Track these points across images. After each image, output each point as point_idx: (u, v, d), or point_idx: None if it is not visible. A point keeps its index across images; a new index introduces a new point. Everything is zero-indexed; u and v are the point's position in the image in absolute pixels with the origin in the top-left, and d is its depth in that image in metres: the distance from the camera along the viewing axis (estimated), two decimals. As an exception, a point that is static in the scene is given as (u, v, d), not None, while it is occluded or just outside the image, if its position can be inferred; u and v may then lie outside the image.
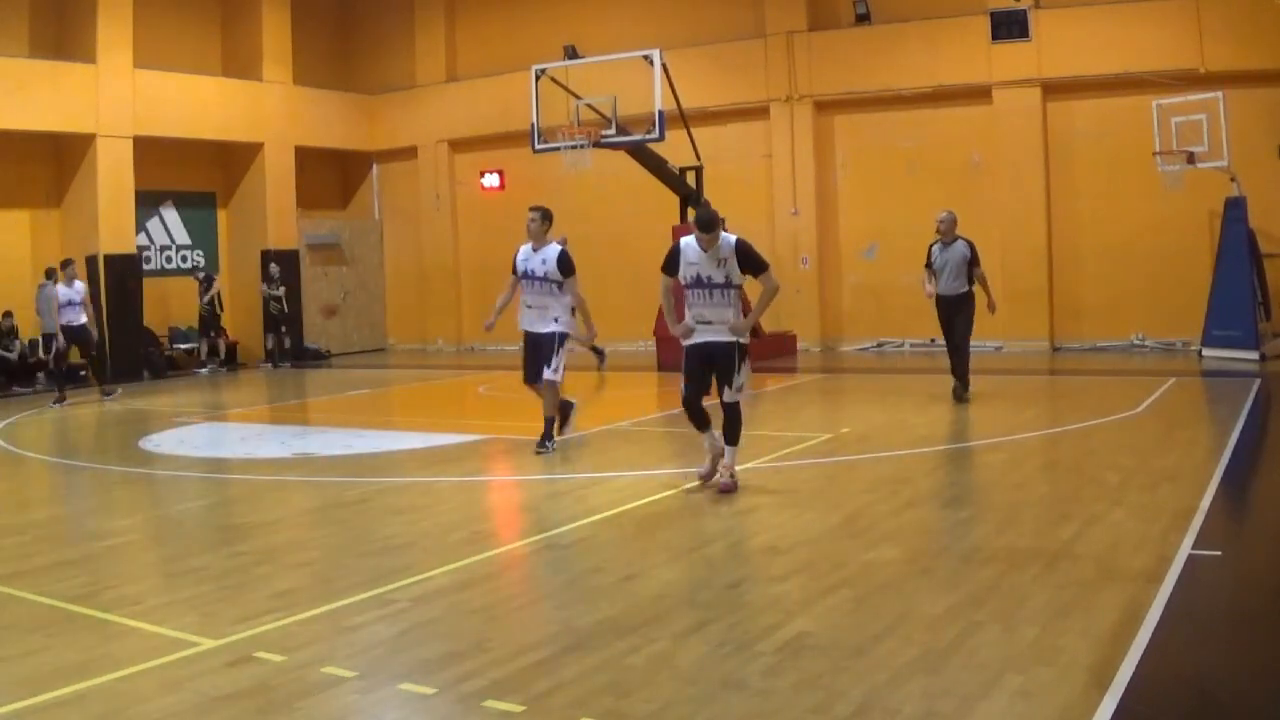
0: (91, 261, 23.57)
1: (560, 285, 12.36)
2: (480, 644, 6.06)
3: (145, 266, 25.38)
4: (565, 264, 12.33)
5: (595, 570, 7.49)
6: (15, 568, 8.18)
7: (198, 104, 25.54)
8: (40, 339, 23.13)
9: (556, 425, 12.30)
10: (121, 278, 24.01)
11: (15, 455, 14.46)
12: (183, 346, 26.20)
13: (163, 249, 26.60)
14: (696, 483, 10.16)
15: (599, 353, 19.53)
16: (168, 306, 26.09)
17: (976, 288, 15.06)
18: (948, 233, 15.10)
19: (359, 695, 5.40)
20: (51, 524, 10.00)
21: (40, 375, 23.01)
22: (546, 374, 12.26)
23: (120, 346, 23.94)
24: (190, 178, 26.95)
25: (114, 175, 24.00)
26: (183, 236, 27.03)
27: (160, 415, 17.06)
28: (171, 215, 26.81)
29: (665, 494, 9.91)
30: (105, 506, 11.28)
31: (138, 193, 24.48)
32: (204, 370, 25.48)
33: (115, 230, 23.88)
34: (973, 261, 14.88)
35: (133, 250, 24.49)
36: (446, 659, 5.82)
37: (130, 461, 13.42)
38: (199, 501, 10.98)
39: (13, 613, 7.08)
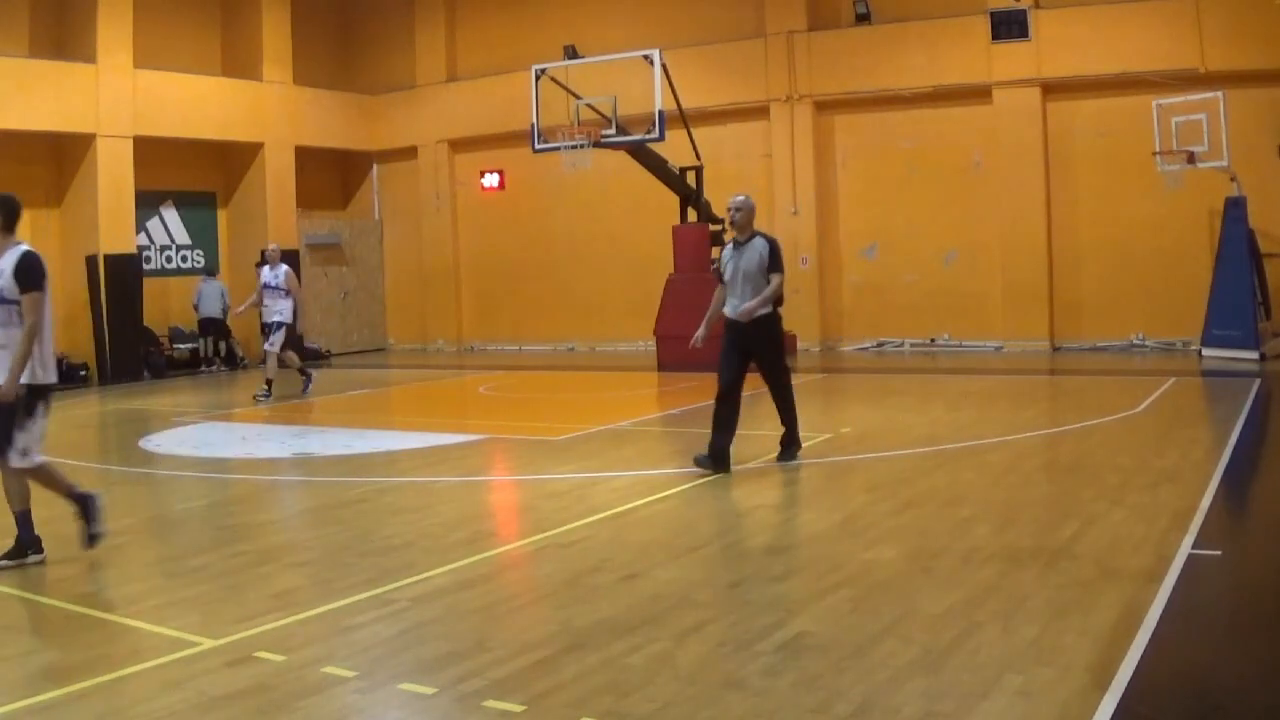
0: (91, 261, 23.58)
1: None
2: (480, 644, 6.06)
3: (145, 266, 25.36)
4: None
5: (595, 570, 7.49)
6: (15, 567, 8.16)
7: (198, 104, 25.56)
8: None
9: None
10: (121, 277, 23.99)
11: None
12: (183, 346, 26.19)
13: (163, 249, 26.60)
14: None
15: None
16: (168, 306, 26.08)
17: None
18: (744, 227, 10.94)
19: (359, 695, 5.40)
20: (51, 523, 9.95)
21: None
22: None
23: (120, 346, 23.94)
24: (190, 177, 26.97)
25: (114, 175, 23.99)
26: (183, 236, 27.03)
27: (160, 415, 17.07)
28: (172, 215, 26.81)
29: (665, 494, 9.91)
30: (105, 506, 11.27)
31: (138, 192, 24.47)
32: (210, 370, 25.56)
33: (115, 230, 23.87)
34: (774, 266, 10.75)
35: (133, 250, 24.48)
36: (446, 659, 5.82)
37: (130, 461, 13.46)
38: (199, 501, 10.98)
39: (13, 612, 7.11)
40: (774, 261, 10.70)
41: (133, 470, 12.83)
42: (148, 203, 25.50)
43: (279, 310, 18.98)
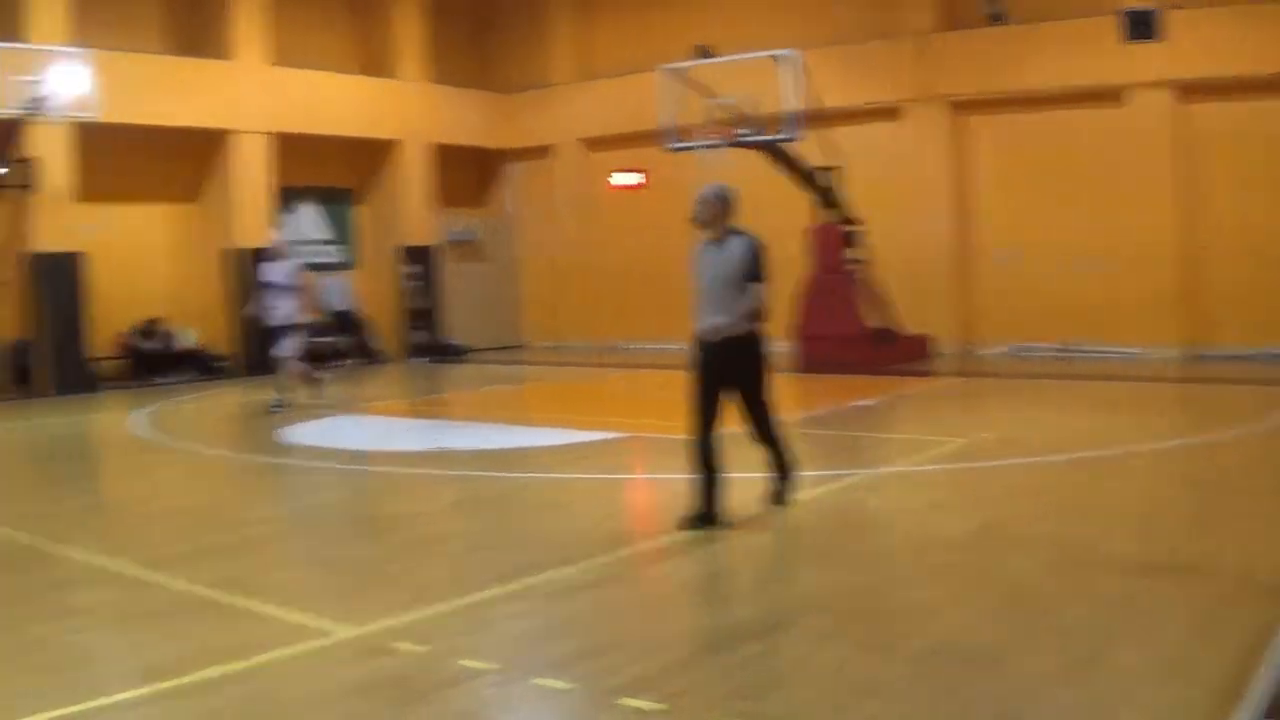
0: (228, 256, 24.09)
1: None
2: (617, 640, 6.10)
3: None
4: None
5: (732, 570, 7.51)
6: (159, 554, 8.40)
7: (335, 101, 25.97)
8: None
9: None
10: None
11: (159, 444, 14.84)
12: (321, 340, 26.60)
13: (302, 244, 27.05)
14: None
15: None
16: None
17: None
18: (711, 223, 8.87)
19: (495, 688, 5.46)
20: (194, 512, 10.24)
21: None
22: None
23: (258, 340, 24.38)
24: (328, 173, 27.42)
25: (250, 171, 24.49)
26: (321, 231, 27.51)
27: (301, 407, 17.35)
28: (310, 211, 27.30)
29: (802, 495, 9.86)
30: (247, 496, 11.55)
31: (277, 188, 24.97)
32: (343, 364, 25.95)
33: (252, 225, 24.33)
34: (753, 274, 8.74)
35: (269, 245, 24.93)
36: (583, 654, 5.86)
37: (272, 452, 13.72)
38: (339, 493, 11.19)
39: (156, 598, 7.28)
40: (755, 267, 8.69)
41: (274, 461, 13.11)
42: (287, 198, 25.98)
43: (285, 310, 17.19)
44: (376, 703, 5.29)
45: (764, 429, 9.03)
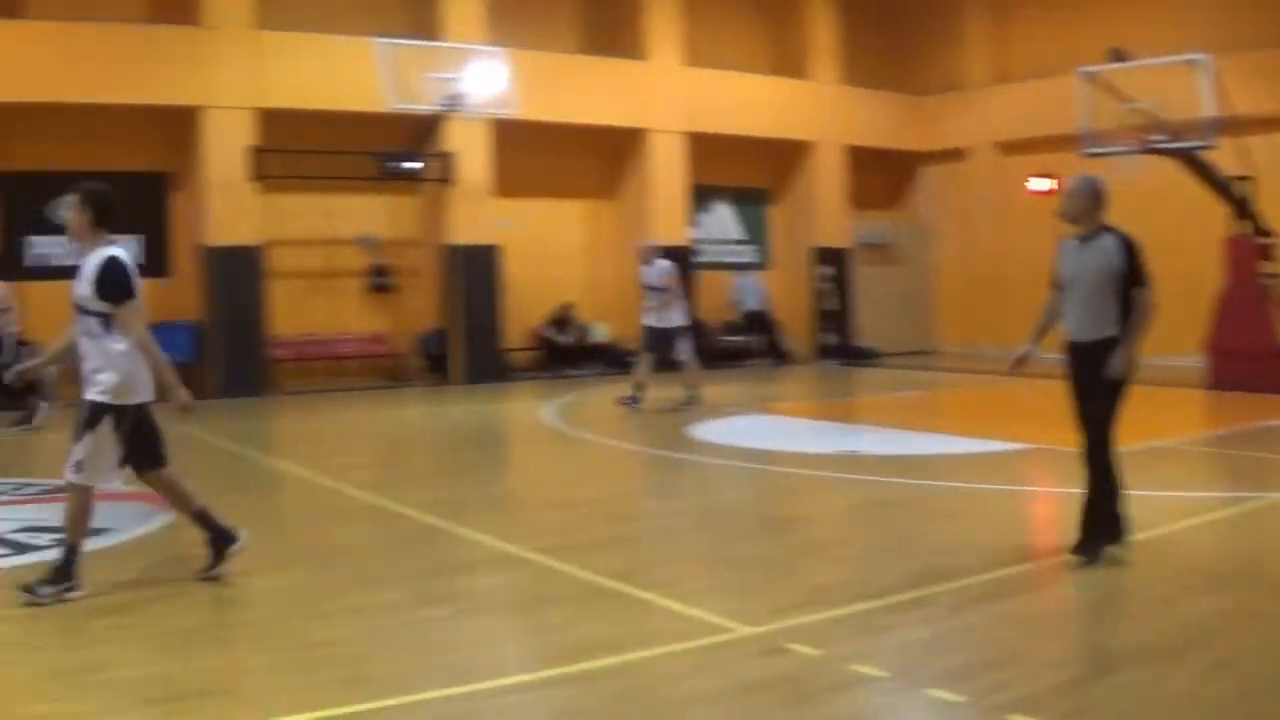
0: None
1: None
2: (1013, 656, 5.95)
3: (698, 260, 26.37)
4: None
5: (1129, 592, 7.23)
6: (561, 541, 8.73)
7: (748, 101, 26.25)
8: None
9: None
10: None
11: (568, 435, 15.46)
12: (732, 339, 27.02)
13: (716, 243, 27.59)
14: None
15: None
16: (718, 300, 27.02)
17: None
18: (1081, 218, 8.07)
19: (886, 696, 5.43)
20: (598, 503, 10.60)
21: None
22: None
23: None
24: (742, 173, 27.81)
25: (666, 169, 25.17)
26: (735, 231, 27.99)
27: (710, 405, 17.63)
28: (724, 210, 27.80)
29: (1208, 517, 9.37)
30: (651, 489, 11.90)
31: (692, 187, 25.55)
32: (752, 363, 26.31)
33: (668, 223, 24.96)
34: (1131, 276, 7.84)
35: (686, 243, 25.56)
36: (975, 668, 5.75)
37: (678, 447, 14.01)
38: (742, 490, 11.37)
39: (555, 584, 7.58)
40: (1136, 270, 7.82)
41: (680, 456, 13.42)
42: (701, 197, 26.55)
43: (663, 312, 17.49)
44: (764, 702, 5.35)
45: (1096, 444, 7.92)
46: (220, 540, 7.58)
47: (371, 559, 8.57)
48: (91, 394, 7.09)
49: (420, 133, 21.77)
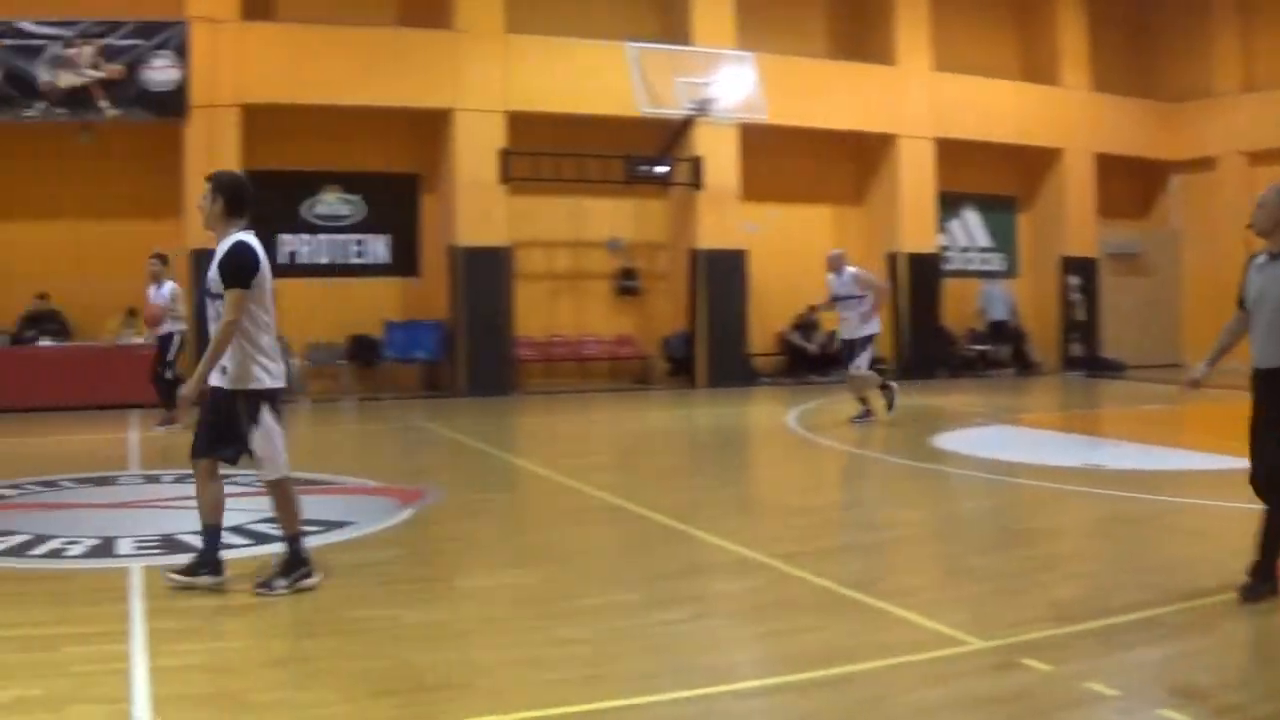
0: (891, 260, 24.65)
1: None
2: (1246, 679, 5.82)
3: (945, 267, 26.11)
4: None
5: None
6: (798, 548, 8.74)
7: (996, 107, 25.91)
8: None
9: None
10: (922, 276, 24.92)
11: (809, 441, 15.49)
12: (978, 348, 26.66)
13: (963, 250, 27.26)
14: None
15: None
16: (965, 307, 26.70)
17: None
18: (1275, 230, 7.14)
19: (1117, 715, 5.32)
20: (837, 510, 10.64)
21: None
22: None
23: (919, 343, 24.85)
24: (990, 180, 27.42)
25: (915, 175, 24.99)
26: (983, 239, 27.59)
27: (952, 414, 17.49)
28: (972, 217, 27.43)
29: None
30: (891, 498, 11.84)
31: (940, 193, 25.29)
32: (996, 373, 25.92)
33: (916, 230, 24.78)
34: None
35: (933, 250, 25.31)
36: (1211, 690, 5.58)
37: (920, 457, 13.93)
38: (984, 502, 11.25)
39: (790, 590, 7.61)
40: None
41: (922, 465, 13.33)
42: (949, 204, 26.26)
43: (856, 323, 16.56)
44: (994, 717, 5.31)
45: (1273, 476, 7.34)
46: (200, 565, 7.31)
47: (610, 559, 8.77)
48: (243, 385, 7.14)
49: (669, 137, 22.05)
